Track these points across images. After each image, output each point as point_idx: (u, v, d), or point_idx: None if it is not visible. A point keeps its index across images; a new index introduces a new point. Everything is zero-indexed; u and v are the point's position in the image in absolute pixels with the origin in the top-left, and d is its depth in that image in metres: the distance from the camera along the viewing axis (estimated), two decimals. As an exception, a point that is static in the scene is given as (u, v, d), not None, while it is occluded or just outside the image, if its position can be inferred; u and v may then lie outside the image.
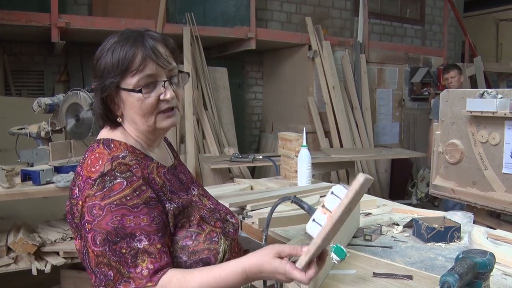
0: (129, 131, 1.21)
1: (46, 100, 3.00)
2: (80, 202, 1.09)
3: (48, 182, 2.70)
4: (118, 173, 1.10)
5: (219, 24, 5.67)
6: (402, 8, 7.84)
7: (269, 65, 6.94)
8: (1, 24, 4.34)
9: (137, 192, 1.09)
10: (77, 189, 1.12)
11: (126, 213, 1.06)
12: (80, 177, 1.12)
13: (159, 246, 1.07)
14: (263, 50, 6.59)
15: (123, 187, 1.08)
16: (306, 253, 1.02)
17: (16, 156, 2.93)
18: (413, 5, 7.99)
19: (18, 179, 2.75)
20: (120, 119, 1.21)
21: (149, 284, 1.03)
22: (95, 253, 1.06)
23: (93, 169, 1.11)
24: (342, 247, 1.17)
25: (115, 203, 1.06)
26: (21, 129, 3.09)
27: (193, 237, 1.16)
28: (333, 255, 1.15)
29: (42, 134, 3.01)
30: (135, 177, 1.11)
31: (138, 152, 1.20)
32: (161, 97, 1.16)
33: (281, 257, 1.05)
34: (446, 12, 7.81)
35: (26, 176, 2.72)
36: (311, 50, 6.13)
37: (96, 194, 1.07)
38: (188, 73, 1.27)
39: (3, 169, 2.83)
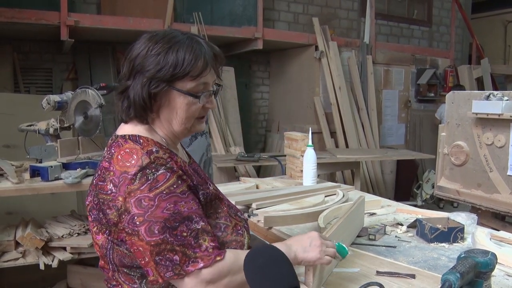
0: (158, 129, 1.23)
1: (55, 98, 3.02)
2: (121, 198, 1.09)
3: (56, 178, 2.71)
4: (159, 165, 1.12)
5: (226, 23, 5.70)
6: (409, 9, 7.83)
7: (275, 65, 6.95)
8: (11, 22, 4.39)
9: (180, 181, 1.13)
10: (111, 185, 1.11)
11: (178, 200, 1.09)
12: (112, 173, 1.12)
13: (210, 227, 1.13)
14: (270, 50, 6.61)
15: (167, 177, 1.11)
16: None
17: (25, 152, 2.96)
18: (421, 6, 7.97)
19: (27, 175, 2.77)
20: (155, 115, 1.21)
21: (218, 258, 1.07)
22: (153, 243, 1.05)
23: (128, 164, 1.11)
24: (344, 245, 1.22)
25: (164, 192, 1.08)
26: (30, 125, 3.12)
27: (222, 229, 1.21)
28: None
29: (51, 131, 3.04)
30: (175, 168, 1.15)
31: (165, 148, 1.22)
32: (207, 105, 1.22)
33: None
34: (454, 13, 7.79)
35: (35, 172, 2.74)
36: (318, 51, 6.14)
37: (141, 188, 1.08)
38: (221, 85, 1.33)
39: (12, 165, 2.86)
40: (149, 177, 1.09)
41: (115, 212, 1.10)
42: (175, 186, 1.10)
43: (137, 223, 1.06)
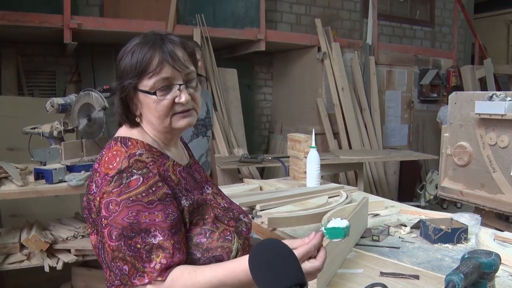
0: (147, 130, 1.25)
1: (59, 100, 3.04)
2: (98, 198, 1.12)
3: (61, 181, 2.73)
4: (135, 169, 1.13)
5: (229, 25, 5.71)
6: (411, 9, 7.83)
7: (278, 66, 6.96)
8: (15, 26, 4.41)
9: (153, 189, 1.12)
10: (94, 185, 1.15)
11: (141, 209, 1.09)
12: (98, 173, 1.15)
13: (172, 242, 1.09)
14: (272, 51, 6.62)
15: (139, 183, 1.11)
16: None
17: (29, 155, 2.97)
18: (423, 6, 7.97)
19: (31, 178, 2.79)
20: (139, 119, 1.24)
21: (159, 278, 1.06)
22: (111, 247, 1.08)
23: (111, 166, 1.13)
24: (338, 224, 1.10)
25: (131, 199, 1.09)
26: (34, 128, 3.13)
27: (207, 235, 1.18)
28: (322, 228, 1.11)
29: (55, 133, 3.05)
30: (151, 174, 1.14)
31: (155, 150, 1.22)
32: (176, 100, 1.19)
33: None
34: (456, 14, 7.79)
35: (39, 175, 2.76)
36: (321, 52, 6.14)
37: (113, 190, 1.10)
38: (205, 77, 1.31)
39: (17, 168, 2.87)
40: (123, 181, 1.10)
41: (95, 211, 1.14)
42: (143, 194, 1.10)
43: (103, 224, 1.10)
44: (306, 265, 1.06)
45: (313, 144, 2.46)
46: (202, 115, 3.17)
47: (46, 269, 2.73)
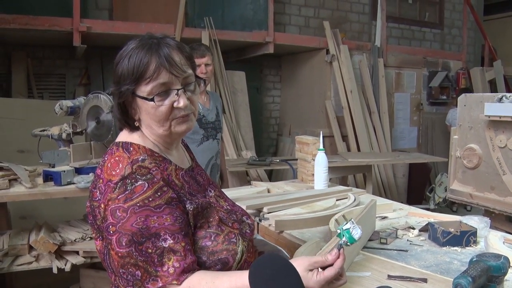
0: (147, 134, 1.24)
1: (68, 103, 3.06)
2: (102, 205, 1.12)
3: (69, 183, 2.74)
4: (139, 175, 1.12)
5: (238, 28, 5.72)
6: (420, 11, 7.79)
7: (287, 69, 6.96)
8: (25, 29, 4.46)
9: (159, 193, 1.12)
10: (98, 192, 1.15)
11: (149, 214, 1.08)
12: (101, 180, 1.15)
13: (183, 244, 1.09)
14: (281, 54, 6.62)
15: (145, 189, 1.10)
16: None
17: (38, 157, 2.99)
18: (432, 8, 7.93)
19: (40, 180, 2.81)
20: (138, 123, 1.23)
21: (174, 282, 1.05)
22: (119, 254, 1.07)
23: (114, 173, 1.13)
24: (352, 228, 1.12)
25: (138, 204, 1.08)
26: (43, 131, 3.15)
27: (212, 238, 1.18)
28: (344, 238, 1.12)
29: (64, 136, 3.07)
30: (155, 179, 1.13)
31: (157, 155, 1.22)
32: (175, 105, 1.18)
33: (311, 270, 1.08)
34: (466, 16, 7.74)
35: (48, 177, 2.77)
36: (329, 54, 6.14)
37: (118, 197, 1.09)
38: (204, 80, 1.30)
39: (26, 170, 2.89)
40: (128, 188, 1.10)
41: (100, 218, 1.13)
42: (150, 199, 1.10)
43: (111, 232, 1.09)
44: (335, 285, 1.09)
45: (321, 147, 2.45)
46: (212, 118, 3.13)
47: (55, 270, 2.74)
